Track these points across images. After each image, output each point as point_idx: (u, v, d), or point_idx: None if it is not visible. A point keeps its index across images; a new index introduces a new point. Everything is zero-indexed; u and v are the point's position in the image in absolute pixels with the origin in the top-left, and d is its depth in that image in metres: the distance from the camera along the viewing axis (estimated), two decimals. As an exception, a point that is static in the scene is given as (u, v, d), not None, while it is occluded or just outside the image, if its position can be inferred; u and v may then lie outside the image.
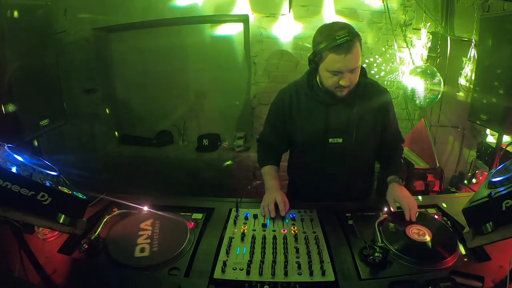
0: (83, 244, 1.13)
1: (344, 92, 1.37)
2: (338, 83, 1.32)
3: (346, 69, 1.28)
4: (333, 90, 1.37)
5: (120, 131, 3.54)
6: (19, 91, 1.80)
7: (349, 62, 1.26)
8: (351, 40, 1.22)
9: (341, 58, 1.24)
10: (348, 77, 1.30)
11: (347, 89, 1.36)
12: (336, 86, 1.34)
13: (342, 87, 1.33)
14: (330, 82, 1.34)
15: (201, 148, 3.31)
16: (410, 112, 3.11)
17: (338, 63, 1.26)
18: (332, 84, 1.34)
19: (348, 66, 1.27)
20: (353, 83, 1.35)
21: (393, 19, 2.84)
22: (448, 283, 0.94)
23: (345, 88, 1.34)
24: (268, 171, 1.58)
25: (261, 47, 2.93)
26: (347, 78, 1.30)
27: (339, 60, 1.25)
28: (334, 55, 1.25)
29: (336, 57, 1.25)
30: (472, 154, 3.03)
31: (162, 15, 2.91)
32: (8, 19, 1.73)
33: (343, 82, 1.30)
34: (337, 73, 1.30)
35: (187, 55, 3.24)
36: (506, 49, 2.00)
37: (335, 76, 1.31)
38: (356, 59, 1.27)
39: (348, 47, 1.22)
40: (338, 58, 1.25)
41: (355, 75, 1.33)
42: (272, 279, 1.01)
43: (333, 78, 1.32)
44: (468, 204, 0.98)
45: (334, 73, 1.30)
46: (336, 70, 1.29)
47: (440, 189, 2.59)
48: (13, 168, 0.86)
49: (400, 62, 2.94)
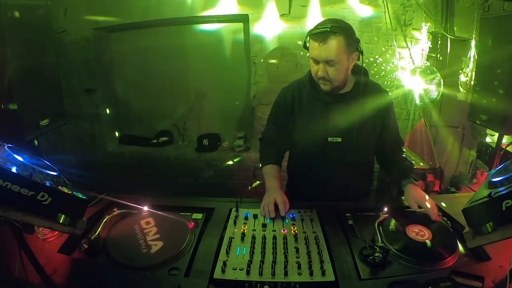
0: (83, 244, 1.13)
1: (326, 86, 1.40)
2: (317, 73, 1.38)
3: (319, 58, 1.33)
4: (318, 81, 1.42)
5: (120, 131, 3.54)
6: (19, 91, 1.80)
7: (322, 52, 1.31)
8: (331, 32, 1.28)
9: (316, 45, 1.31)
10: (325, 68, 1.34)
11: (328, 83, 1.39)
12: (316, 76, 1.39)
13: (319, 78, 1.38)
14: (313, 71, 1.40)
15: (201, 148, 3.31)
16: (410, 112, 3.11)
17: (314, 50, 1.33)
18: (314, 74, 1.40)
19: (321, 55, 1.32)
20: (333, 78, 1.37)
21: (393, 19, 2.84)
22: (448, 283, 0.94)
23: (325, 80, 1.38)
24: (269, 170, 1.58)
25: (261, 47, 2.94)
26: (323, 69, 1.34)
27: (315, 47, 1.32)
28: (312, 42, 1.33)
29: (313, 44, 1.33)
30: (472, 154, 3.03)
31: (162, 15, 2.91)
32: (8, 19, 1.73)
33: (320, 72, 1.36)
34: (315, 61, 1.36)
35: (187, 55, 3.24)
36: (506, 49, 2.00)
37: (316, 65, 1.37)
38: (330, 51, 1.30)
39: (325, 37, 1.29)
40: (314, 45, 1.32)
41: (334, 69, 1.34)
42: (272, 279, 1.01)
43: (314, 67, 1.38)
44: (468, 204, 0.98)
45: (314, 61, 1.37)
46: (313, 57, 1.35)
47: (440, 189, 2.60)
48: (13, 168, 0.86)
49: (400, 62, 2.94)
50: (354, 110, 1.44)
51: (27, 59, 1.87)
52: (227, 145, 3.40)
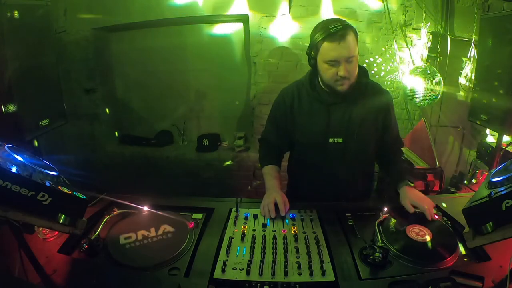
0: (83, 244, 1.13)
1: (344, 86, 1.37)
2: (336, 74, 1.33)
3: (341, 58, 1.29)
4: (333, 84, 1.37)
5: (120, 131, 3.54)
6: (19, 91, 1.80)
7: (343, 50, 1.28)
8: (344, 29, 1.27)
9: (335, 45, 1.27)
10: (346, 67, 1.31)
11: (347, 81, 1.35)
12: (336, 79, 1.35)
13: (342, 79, 1.34)
14: (329, 75, 1.35)
15: (201, 148, 3.31)
16: (410, 112, 3.11)
17: (332, 51, 1.29)
18: (331, 77, 1.35)
19: (343, 53, 1.29)
20: (352, 75, 1.35)
21: (393, 19, 2.84)
22: (448, 283, 0.94)
23: (345, 80, 1.34)
24: (269, 171, 1.58)
25: (261, 47, 2.93)
26: (345, 68, 1.31)
27: (333, 48, 1.28)
28: (329, 43, 1.28)
29: (330, 45, 1.28)
30: (472, 154, 3.03)
31: (162, 15, 2.91)
32: (8, 19, 1.73)
33: (341, 72, 1.31)
34: (334, 63, 1.31)
35: (187, 55, 3.24)
36: (506, 49, 2.00)
37: (333, 67, 1.32)
38: (350, 47, 1.29)
39: (342, 35, 1.26)
40: (332, 46, 1.28)
41: (353, 66, 1.33)
42: (272, 279, 1.01)
43: (331, 70, 1.33)
44: (468, 204, 0.98)
45: (331, 64, 1.32)
46: (332, 60, 1.30)
47: (440, 189, 2.59)
48: (13, 168, 0.86)
49: (400, 62, 2.94)
50: (355, 110, 1.44)
51: (27, 59, 1.86)
52: (227, 145, 3.40)
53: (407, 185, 1.47)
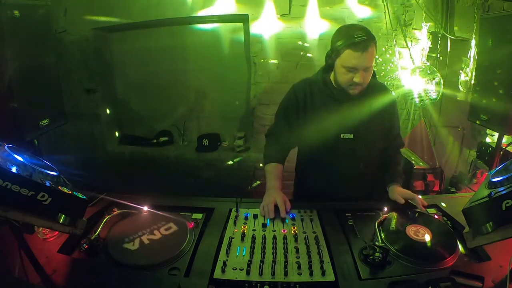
0: (83, 244, 1.13)
1: (356, 90, 1.44)
2: (352, 80, 1.40)
3: (361, 67, 1.36)
4: (346, 87, 1.44)
5: (120, 131, 3.54)
6: (19, 91, 1.80)
7: (364, 60, 1.34)
8: (368, 40, 1.32)
9: (357, 55, 1.33)
10: (362, 75, 1.38)
11: (360, 87, 1.43)
12: (350, 83, 1.41)
13: (356, 85, 1.41)
14: (345, 79, 1.41)
15: (201, 148, 3.31)
16: (410, 112, 3.11)
17: (354, 59, 1.34)
18: (347, 81, 1.42)
19: (363, 64, 1.35)
20: (365, 82, 1.43)
21: (393, 19, 2.84)
22: (448, 283, 0.94)
23: (358, 85, 1.42)
24: (272, 169, 1.58)
25: (261, 47, 2.93)
26: (361, 76, 1.38)
27: (355, 57, 1.34)
28: (351, 51, 1.33)
29: (353, 54, 1.33)
30: (472, 154, 3.03)
31: (162, 15, 2.91)
32: (8, 19, 1.73)
33: (357, 79, 1.38)
34: (352, 70, 1.37)
35: (187, 55, 3.24)
36: (506, 49, 2.00)
37: (350, 72, 1.38)
38: (370, 59, 1.36)
39: (365, 46, 1.32)
40: (355, 55, 1.33)
41: (368, 74, 1.41)
42: (272, 279, 1.01)
43: (348, 75, 1.39)
44: (468, 204, 0.98)
45: (349, 70, 1.38)
46: (352, 66, 1.36)
47: (440, 189, 2.60)
48: (13, 168, 0.86)
49: (400, 62, 2.94)
50: (364, 108, 1.51)
51: (27, 59, 1.86)
52: (227, 145, 3.40)
53: (397, 184, 1.55)
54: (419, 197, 1.44)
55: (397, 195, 1.47)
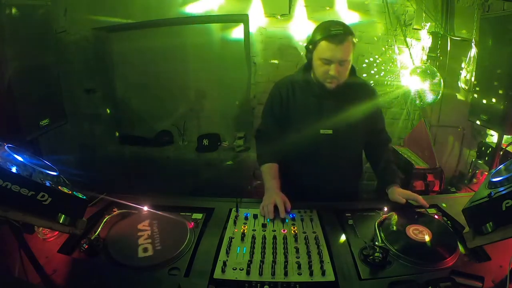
0: (83, 244, 1.12)
1: (333, 84, 1.48)
2: (328, 73, 1.44)
3: (335, 59, 1.40)
4: (323, 80, 1.48)
5: (120, 131, 3.54)
6: (19, 91, 1.80)
7: (339, 53, 1.38)
8: (344, 34, 1.37)
9: (332, 47, 1.38)
10: (337, 68, 1.41)
11: (336, 80, 1.47)
12: (326, 76, 1.45)
13: (331, 78, 1.45)
14: (320, 71, 1.46)
15: (201, 148, 3.31)
16: (410, 112, 3.11)
17: (329, 51, 1.39)
18: (323, 74, 1.46)
19: (337, 56, 1.39)
20: (341, 76, 1.46)
21: (393, 19, 2.84)
22: (448, 283, 0.94)
23: (334, 79, 1.45)
24: (268, 170, 1.60)
25: (261, 47, 2.93)
26: (336, 69, 1.41)
27: (330, 49, 1.38)
28: (327, 43, 1.38)
29: (328, 45, 1.38)
30: (472, 154, 3.03)
31: (162, 15, 2.91)
32: (8, 19, 1.72)
33: (332, 71, 1.42)
34: (328, 62, 1.42)
35: (187, 55, 3.23)
36: (506, 49, 2.00)
37: (326, 65, 1.43)
38: (345, 52, 1.39)
39: (341, 39, 1.37)
40: (330, 47, 1.38)
41: (344, 68, 1.44)
42: (272, 279, 1.01)
43: (324, 67, 1.44)
44: (468, 204, 0.98)
45: (325, 62, 1.42)
46: (327, 58, 1.40)
47: (440, 189, 2.59)
48: (13, 168, 0.86)
49: (400, 62, 2.94)
50: (344, 104, 1.55)
51: (27, 59, 1.86)
52: (227, 145, 3.40)
53: (396, 185, 1.55)
54: (420, 197, 1.44)
55: (397, 195, 1.47)
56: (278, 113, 1.62)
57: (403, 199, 1.45)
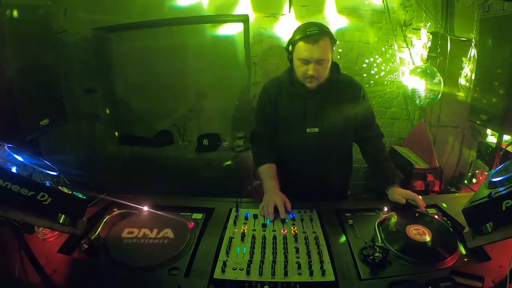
0: (83, 244, 1.12)
1: (313, 84, 1.50)
2: (307, 72, 1.46)
3: (312, 59, 1.43)
4: (303, 80, 1.51)
5: (120, 131, 3.54)
6: (19, 91, 1.80)
7: (315, 52, 1.41)
8: (320, 34, 1.40)
9: (308, 47, 1.41)
10: (315, 67, 1.44)
11: (315, 80, 1.49)
12: (306, 76, 1.48)
13: (310, 77, 1.47)
14: (300, 71, 1.49)
15: (201, 148, 3.31)
16: (410, 112, 3.11)
17: (306, 51, 1.42)
18: (302, 74, 1.48)
19: (314, 55, 1.42)
20: (321, 75, 1.48)
21: (393, 19, 2.84)
22: (448, 283, 0.94)
23: (313, 78, 1.48)
24: (266, 171, 1.60)
25: (261, 47, 2.93)
26: (314, 68, 1.44)
27: (307, 49, 1.42)
28: (303, 43, 1.42)
29: (305, 45, 1.42)
30: (472, 154, 3.03)
31: (162, 15, 2.91)
32: (8, 19, 1.73)
33: (310, 71, 1.45)
34: (305, 62, 1.45)
35: (187, 55, 3.24)
36: (506, 49, 2.00)
37: (304, 65, 1.46)
38: (322, 51, 1.42)
39: (316, 39, 1.40)
40: (306, 47, 1.41)
41: (323, 68, 1.47)
42: (272, 279, 1.01)
43: (303, 67, 1.47)
44: (468, 204, 0.98)
45: (303, 62, 1.45)
46: (304, 58, 1.44)
47: (440, 189, 2.60)
48: (13, 168, 0.86)
49: (400, 62, 2.94)
50: (328, 103, 1.57)
51: (27, 59, 1.86)
52: (227, 145, 3.40)
53: (395, 185, 1.55)
54: (419, 197, 1.45)
55: (397, 196, 1.47)
56: (269, 114, 1.65)
57: (403, 199, 1.45)
